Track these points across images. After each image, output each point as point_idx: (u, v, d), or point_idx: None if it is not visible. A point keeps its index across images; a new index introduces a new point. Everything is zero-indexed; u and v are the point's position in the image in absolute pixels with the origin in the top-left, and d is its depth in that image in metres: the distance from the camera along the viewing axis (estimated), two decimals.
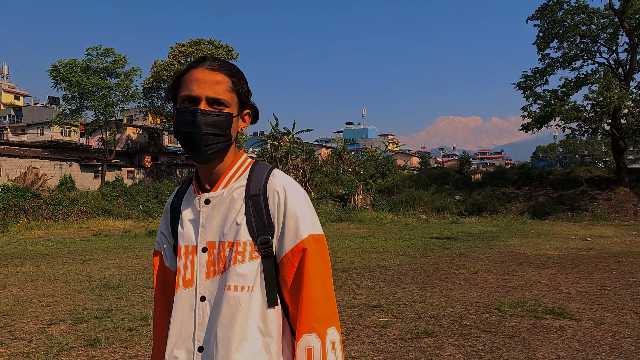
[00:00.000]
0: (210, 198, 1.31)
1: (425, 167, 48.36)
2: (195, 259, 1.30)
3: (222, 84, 1.25)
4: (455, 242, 14.39)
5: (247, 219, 1.26)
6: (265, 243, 1.25)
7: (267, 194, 1.28)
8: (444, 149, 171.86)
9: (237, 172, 1.34)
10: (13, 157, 30.35)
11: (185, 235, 1.33)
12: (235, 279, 1.24)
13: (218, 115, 1.24)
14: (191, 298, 1.29)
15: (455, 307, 6.14)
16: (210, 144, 1.24)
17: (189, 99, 1.24)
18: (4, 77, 69.83)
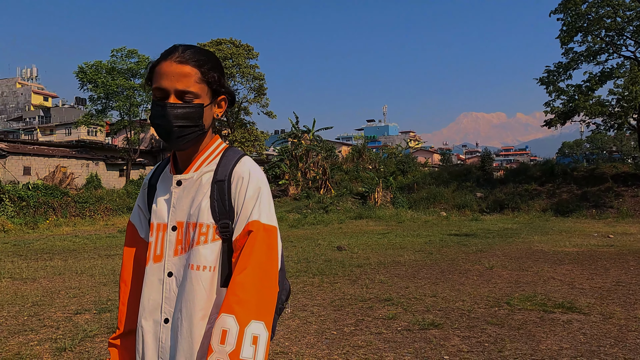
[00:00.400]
0: (181, 180, 1.38)
1: (446, 164, 47.95)
2: (165, 237, 1.37)
3: (190, 76, 1.27)
4: (473, 238, 14.36)
5: (211, 202, 1.32)
6: (224, 227, 1.31)
7: (232, 180, 1.34)
8: (466, 145, 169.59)
9: (210, 157, 1.40)
10: (42, 156, 31.39)
11: (158, 212, 1.40)
12: (198, 258, 1.30)
13: (188, 107, 1.27)
14: (160, 273, 1.36)
15: (465, 301, 6.23)
16: (182, 135, 1.29)
17: (159, 92, 1.28)
18: (33, 79, 72.05)
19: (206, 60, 1.32)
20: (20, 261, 10.86)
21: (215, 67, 1.35)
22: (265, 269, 1.27)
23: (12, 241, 15.51)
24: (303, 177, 35.27)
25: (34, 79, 72.39)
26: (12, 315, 5.99)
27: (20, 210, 21.53)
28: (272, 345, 4.59)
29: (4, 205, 20.98)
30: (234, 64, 34.99)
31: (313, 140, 37.88)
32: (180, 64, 1.27)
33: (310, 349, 4.46)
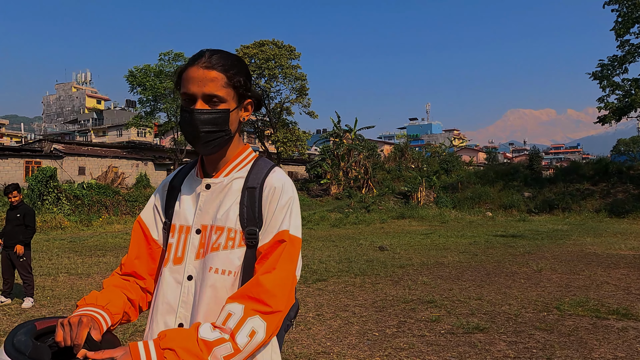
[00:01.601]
0: (211, 183, 1.37)
1: (492, 163, 46.62)
2: (188, 239, 1.35)
3: (216, 80, 1.28)
4: (521, 240, 13.91)
5: (240, 208, 1.32)
6: (251, 234, 1.29)
7: (264, 189, 1.33)
8: (513, 143, 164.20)
9: (240, 163, 1.40)
10: (96, 157, 32.89)
11: (182, 214, 1.38)
12: (220, 262, 1.28)
13: (214, 113, 1.28)
14: (179, 275, 1.34)
15: (511, 305, 6.05)
16: (209, 140, 1.30)
17: (187, 97, 1.29)
18: (87, 83, 75.58)
19: (232, 64, 1.33)
20: (75, 257, 11.43)
21: (241, 71, 1.35)
22: (286, 277, 1.26)
23: (68, 238, 16.34)
24: (345, 176, 35.25)
25: (88, 83, 75.94)
26: (69, 310, 6.32)
27: (75, 209, 22.65)
28: (314, 345, 4.62)
29: (61, 204, 22.12)
30: (277, 65, 35.38)
31: (355, 140, 37.77)
32: (207, 69, 1.28)
33: (352, 350, 4.46)
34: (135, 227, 1.50)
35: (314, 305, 6.26)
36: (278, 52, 35.37)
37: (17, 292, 7.12)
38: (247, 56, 35.29)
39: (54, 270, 9.35)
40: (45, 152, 30.81)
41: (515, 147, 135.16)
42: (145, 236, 1.45)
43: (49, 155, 30.36)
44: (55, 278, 8.57)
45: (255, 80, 35.97)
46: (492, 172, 34.22)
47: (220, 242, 1.30)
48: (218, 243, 1.30)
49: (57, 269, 9.59)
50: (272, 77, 35.92)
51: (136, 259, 1.44)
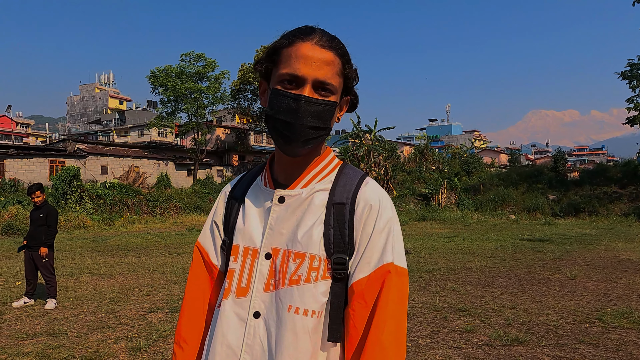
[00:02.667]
0: (285, 196, 1.10)
1: (514, 165, 45.82)
2: (254, 265, 1.09)
3: (332, 65, 1.04)
4: (549, 244, 13.47)
5: (326, 229, 1.05)
6: (340, 263, 1.04)
7: (356, 206, 1.07)
8: (535, 145, 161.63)
9: (322, 171, 1.13)
10: (118, 157, 33.25)
11: (246, 233, 1.12)
12: (302, 300, 1.03)
13: (323, 105, 1.03)
14: (243, 311, 1.08)
15: (549, 315, 5.74)
16: (310, 137, 1.04)
17: (292, 79, 1.03)
18: (110, 84, 76.71)
19: (345, 50, 1.09)
20: (98, 257, 11.43)
21: (351, 60, 1.10)
22: (401, 325, 1.02)
23: (91, 237, 16.45)
24: None
25: (111, 83, 77.04)
26: (91, 311, 6.23)
27: (98, 208, 22.87)
28: None
29: (84, 203, 22.36)
30: None
31: (374, 140, 37.45)
32: (324, 48, 1.03)
33: None
34: (195, 254, 1.24)
35: None
36: None
37: (40, 293, 7.08)
38: None
39: (77, 271, 9.32)
40: (69, 151, 31.26)
41: (538, 149, 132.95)
42: (207, 264, 1.21)
43: (73, 155, 30.80)
44: (78, 278, 8.53)
45: None
46: (515, 174, 33.56)
47: (301, 273, 1.04)
48: (299, 274, 1.04)
49: (80, 269, 9.57)
50: None
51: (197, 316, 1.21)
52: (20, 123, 73.01)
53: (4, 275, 8.91)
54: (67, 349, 4.67)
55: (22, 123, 73.83)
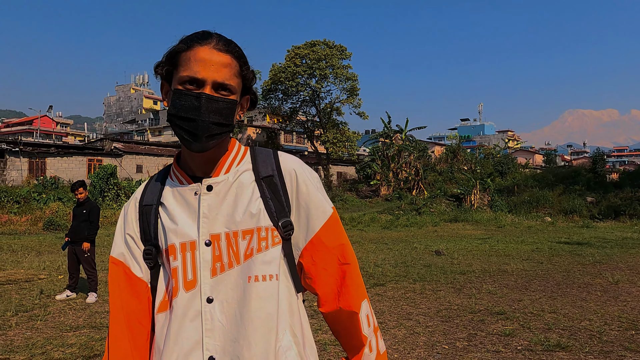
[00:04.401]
0: (212, 184, 1.14)
1: (550, 166, 44.60)
2: (196, 256, 1.11)
3: (230, 67, 1.10)
4: (588, 248, 13.03)
5: (265, 202, 1.14)
6: (287, 226, 1.14)
7: (283, 174, 1.18)
8: (572, 145, 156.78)
9: (237, 156, 1.20)
10: (152, 155, 34.05)
11: (179, 230, 1.13)
12: (261, 268, 1.10)
13: (224, 102, 1.09)
14: (195, 301, 1.10)
15: (592, 321, 5.55)
16: (214, 133, 1.09)
17: (192, 81, 1.08)
18: (145, 85, 78.68)
19: (242, 53, 1.14)
20: None
21: (247, 62, 1.16)
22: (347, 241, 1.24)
23: None
24: (395, 177, 34.69)
25: (145, 84, 78.99)
26: None
27: None
28: None
29: (120, 200, 22.98)
30: (327, 65, 35.31)
31: (405, 140, 37.12)
32: (221, 52, 1.09)
33: None
34: (112, 271, 1.19)
35: (375, 311, 6.01)
36: (329, 52, 35.31)
37: (81, 286, 7.31)
38: (299, 56, 35.44)
39: None
40: (106, 150, 32.20)
41: (574, 150, 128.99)
42: (129, 278, 1.17)
43: (110, 154, 31.71)
44: None
45: (306, 81, 36.09)
46: (551, 175, 32.72)
47: (252, 246, 1.11)
48: (251, 248, 1.11)
49: None
50: (322, 78, 35.89)
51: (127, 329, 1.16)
52: (60, 123, 75.72)
53: (47, 269, 9.25)
54: None
55: (61, 123, 76.57)
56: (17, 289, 7.34)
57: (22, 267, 9.39)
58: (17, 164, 27.05)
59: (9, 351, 4.49)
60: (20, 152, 27.09)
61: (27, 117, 75.50)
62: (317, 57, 34.88)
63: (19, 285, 7.65)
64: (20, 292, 7.16)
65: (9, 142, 27.80)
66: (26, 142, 29.63)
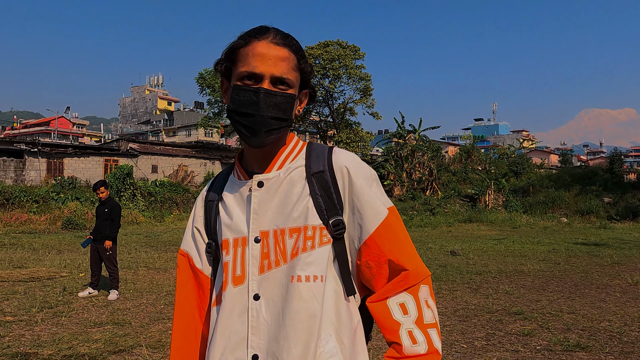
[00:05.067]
0: (263, 180, 1.14)
1: (566, 166, 44.01)
2: (246, 252, 1.12)
3: (287, 61, 1.09)
4: (606, 249, 12.89)
5: (314, 199, 1.11)
6: (338, 224, 1.10)
7: (335, 170, 1.13)
8: (588, 145, 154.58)
9: (292, 152, 1.19)
10: (167, 156, 34.40)
11: (233, 225, 1.15)
12: (305, 268, 1.07)
13: (282, 97, 1.09)
14: (243, 297, 1.10)
15: (612, 321, 5.52)
16: (272, 128, 1.09)
17: (250, 76, 1.08)
18: (159, 86, 79.47)
19: (299, 46, 1.14)
20: (152, 252, 11.90)
21: (305, 55, 1.16)
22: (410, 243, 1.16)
23: (144, 233, 17.12)
24: (408, 177, 34.58)
25: (160, 85, 79.79)
26: (151, 303, 6.52)
27: (149, 205, 23.76)
28: None
29: (137, 200, 23.28)
30: (341, 65, 35.33)
31: (419, 140, 36.97)
32: (278, 46, 1.09)
33: None
34: (179, 262, 1.26)
35: None
36: (342, 53, 35.32)
37: (103, 284, 7.46)
38: (312, 57, 35.48)
39: (134, 264, 9.75)
40: (122, 151, 32.62)
41: (591, 149, 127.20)
42: (193, 270, 1.23)
43: (125, 154, 32.11)
44: (135, 272, 8.93)
45: (319, 81, 36.14)
46: (567, 176, 32.30)
47: (299, 245, 1.08)
48: (297, 247, 1.08)
49: (136, 262, 10.01)
50: (336, 78, 35.92)
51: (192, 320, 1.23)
52: (77, 124, 76.84)
53: (68, 267, 9.44)
54: (133, 338, 4.92)
55: (78, 124, 77.70)
56: (41, 286, 7.52)
57: (44, 265, 9.60)
58: (35, 164, 27.54)
59: (37, 346, 4.62)
60: (38, 153, 27.58)
61: (44, 118, 76.76)
62: (331, 57, 34.91)
63: (42, 283, 7.83)
64: (43, 289, 7.34)
65: (27, 143, 28.32)
66: (44, 142, 30.16)
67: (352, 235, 1.13)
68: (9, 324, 5.39)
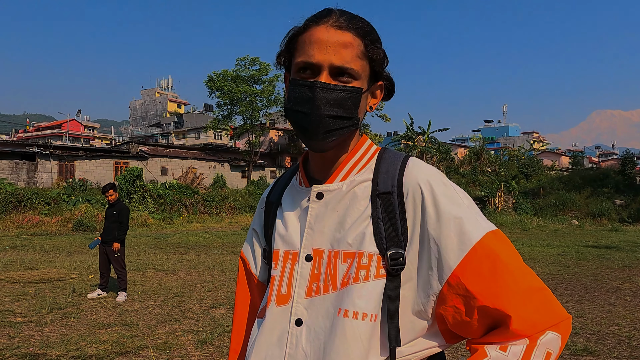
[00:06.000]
0: (323, 192, 1.00)
1: (577, 168, 43.62)
2: (295, 269, 0.99)
3: (351, 47, 0.92)
4: (617, 252, 12.75)
5: (375, 224, 0.94)
6: (396, 258, 0.91)
7: (403, 190, 0.95)
8: (600, 147, 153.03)
9: (360, 161, 1.02)
10: (177, 158, 34.63)
11: (286, 236, 1.03)
12: (355, 302, 0.90)
13: (344, 92, 0.92)
14: (284, 319, 0.97)
15: (620, 325, 5.47)
16: (332, 128, 0.93)
17: (306, 67, 0.93)
18: (169, 89, 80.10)
19: (371, 28, 0.96)
20: (161, 254, 11.98)
21: (379, 40, 0.98)
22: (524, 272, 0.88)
23: (153, 235, 17.25)
24: None
25: (170, 88, 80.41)
26: (158, 305, 6.57)
27: (159, 207, 23.93)
28: None
29: (146, 202, 23.46)
30: None
31: (428, 142, 36.87)
32: (340, 29, 0.92)
33: None
34: (239, 265, 1.19)
35: None
36: None
37: (112, 286, 7.52)
38: None
39: (143, 266, 9.83)
40: (132, 153, 32.91)
41: (602, 151, 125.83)
42: (249, 274, 1.15)
43: (135, 157, 32.39)
44: (144, 274, 9.00)
45: None
46: (578, 178, 32.04)
47: (350, 274, 0.92)
48: (349, 275, 0.92)
49: (145, 264, 10.09)
50: None
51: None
52: (88, 126, 77.69)
53: (77, 269, 9.54)
54: (140, 339, 4.96)
55: (89, 126, 78.56)
56: (51, 288, 7.61)
57: (54, 267, 9.71)
58: (47, 166, 27.87)
59: (45, 346, 4.68)
60: (50, 155, 27.91)
61: (56, 121, 77.75)
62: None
63: (52, 284, 7.92)
64: (53, 290, 7.42)
65: (39, 146, 28.69)
66: (56, 145, 30.54)
67: (428, 277, 0.91)
68: (19, 324, 5.46)
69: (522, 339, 0.84)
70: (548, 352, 0.84)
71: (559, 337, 0.85)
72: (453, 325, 0.92)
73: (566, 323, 0.87)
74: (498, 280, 0.86)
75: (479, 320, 0.88)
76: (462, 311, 0.89)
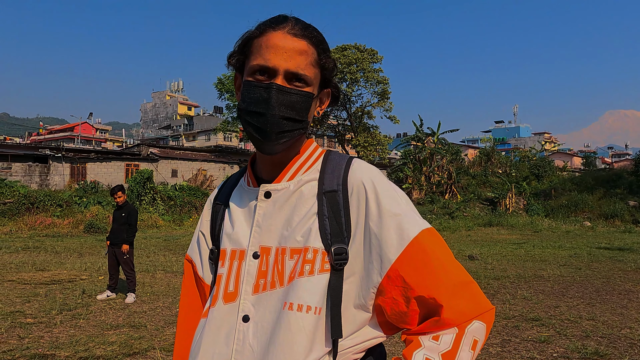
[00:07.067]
0: (271, 191, 1.03)
1: (590, 169, 43.11)
2: (242, 267, 1.01)
3: (306, 55, 0.97)
4: (630, 254, 12.56)
5: (321, 221, 0.97)
6: (340, 253, 0.95)
7: (348, 189, 0.99)
8: (613, 147, 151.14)
9: (307, 161, 1.06)
10: (187, 160, 34.84)
11: (233, 235, 1.05)
12: (300, 295, 0.93)
13: (297, 95, 0.96)
14: (231, 317, 0.99)
15: (633, 329, 5.38)
16: (285, 130, 0.96)
17: (263, 70, 0.96)
18: (179, 91, 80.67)
19: (321, 38, 1.01)
20: (170, 255, 12.04)
21: (329, 49, 1.03)
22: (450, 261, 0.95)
23: (163, 236, 17.35)
24: (427, 181, 34.31)
25: (180, 91, 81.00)
26: (167, 306, 6.59)
27: (169, 209, 24.08)
28: None
29: (156, 204, 23.62)
30: (359, 69, 35.32)
31: (438, 143, 36.67)
32: (296, 37, 0.96)
33: None
34: (185, 268, 1.18)
35: None
36: (360, 56, 35.31)
37: (120, 287, 7.58)
38: None
39: (152, 267, 9.89)
40: (143, 155, 33.15)
41: (615, 152, 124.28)
42: (196, 277, 1.14)
43: (146, 159, 32.63)
44: (153, 275, 9.05)
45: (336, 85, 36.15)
46: (590, 178, 31.62)
47: (297, 269, 0.95)
48: (295, 270, 0.95)
49: (154, 266, 10.14)
50: (353, 81, 35.92)
51: None
52: (100, 129, 78.48)
53: (88, 270, 9.63)
54: (147, 341, 4.98)
55: (101, 129, 79.35)
56: (61, 289, 7.68)
57: (65, 268, 9.81)
58: (59, 169, 28.18)
59: (54, 347, 4.72)
60: (62, 158, 28.22)
61: (68, 124, 78.61)
62: (348, 61, 34.93)
63: (63, 285, 8.00)
64: (63, 291, 7.49)
65: (52, 149, 29.02)
66: (68, 148, 30.85)
67: (369, 270, 0.96)
68: (29, 325, 5.52)
69: (452, 327, 0.91)
70: (475, 339, 0.92)
71: (484, 325, 0.94)
72: (390, 316, 0.98)
73: (490, 313, 0.95)
74: (432, 272, 0.93)
75: (415, 310, 0.94)
76: (400, 302, 0.95)
